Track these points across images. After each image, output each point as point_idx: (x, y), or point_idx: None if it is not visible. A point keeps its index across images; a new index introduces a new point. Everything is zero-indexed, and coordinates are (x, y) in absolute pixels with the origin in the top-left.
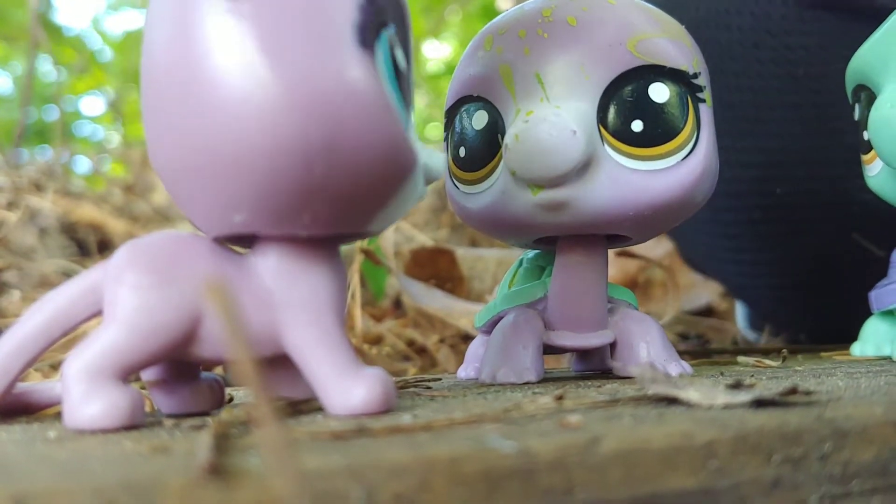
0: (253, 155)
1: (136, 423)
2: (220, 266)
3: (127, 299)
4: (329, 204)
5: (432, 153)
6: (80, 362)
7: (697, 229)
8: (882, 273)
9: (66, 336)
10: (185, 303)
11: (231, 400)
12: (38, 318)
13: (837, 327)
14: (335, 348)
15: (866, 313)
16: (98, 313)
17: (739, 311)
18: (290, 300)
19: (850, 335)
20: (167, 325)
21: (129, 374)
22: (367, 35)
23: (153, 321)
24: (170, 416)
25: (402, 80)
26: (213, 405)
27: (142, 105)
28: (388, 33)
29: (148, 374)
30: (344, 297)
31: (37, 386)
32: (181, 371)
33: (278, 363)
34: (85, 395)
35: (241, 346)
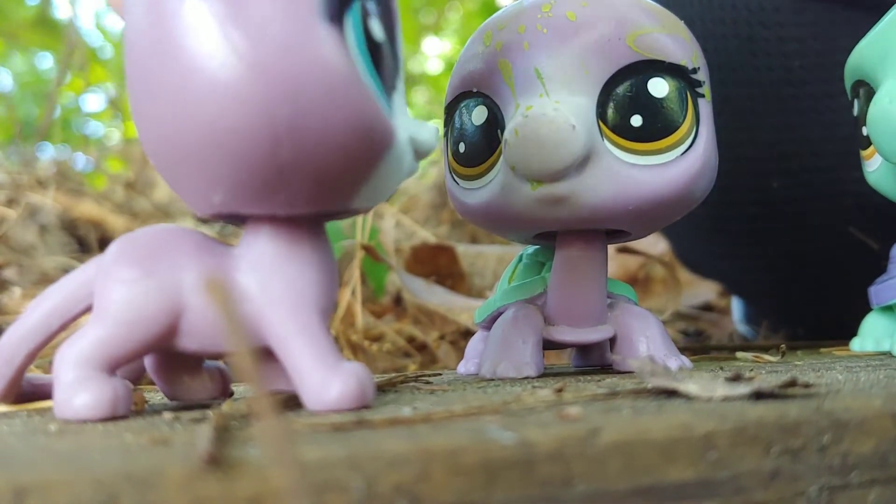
0: (221, 137)
1: (119, 415)
2: (202, 259)
3: (111, 293)
4: (302, 182)
5: (421, 125)
6: (69, 354)
7: (694, 225)
8: (881, 268)
9: (66, 328)
10: (164, 296)
11: (232, 394)
12: (39, 311)
13: (837, 323)
14: (312, 342)
15: (866, 309)
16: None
17: (735, 308)
18: (270, 292)
19: (850, 331)
20: (148, 318)
21: (116, 366)
22: (335, 8)
23: (134, 314)
24: (173, 404)
25: (378, 53)
26: (218, 393)
27: (127, 92)
28: (361, 3)
29: (151, 363)
30: (329, 289)
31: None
32: (184, 359)
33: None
34: (70, 386)
35: (239, 340)
